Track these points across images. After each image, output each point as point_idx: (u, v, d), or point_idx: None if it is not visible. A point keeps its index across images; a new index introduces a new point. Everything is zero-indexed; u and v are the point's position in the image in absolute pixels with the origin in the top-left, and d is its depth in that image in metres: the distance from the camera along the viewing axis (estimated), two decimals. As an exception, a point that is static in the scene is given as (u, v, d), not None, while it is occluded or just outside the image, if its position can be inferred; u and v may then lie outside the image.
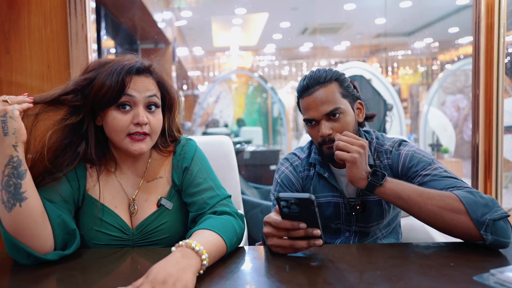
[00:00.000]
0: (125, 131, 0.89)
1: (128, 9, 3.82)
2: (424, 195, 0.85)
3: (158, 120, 0.94)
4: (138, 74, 0.92)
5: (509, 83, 3.25)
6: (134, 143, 0.90)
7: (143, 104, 0.91)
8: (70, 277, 0.76)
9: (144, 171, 1.00)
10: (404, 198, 0.85)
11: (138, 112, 0.89)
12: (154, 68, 0.96)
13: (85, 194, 0.95)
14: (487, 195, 0.84)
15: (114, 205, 0.96)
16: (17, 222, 0.78)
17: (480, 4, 1.58)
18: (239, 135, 6.79)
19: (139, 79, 0.91)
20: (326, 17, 6.14)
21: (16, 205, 0.77)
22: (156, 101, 0.93)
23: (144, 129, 0.90)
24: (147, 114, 0.91)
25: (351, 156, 0.92)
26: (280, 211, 0.80)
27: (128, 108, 0.90)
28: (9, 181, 0.77)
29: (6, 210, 0.77)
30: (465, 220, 0.79)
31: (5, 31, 1.56)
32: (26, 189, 0.78)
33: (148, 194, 0.98)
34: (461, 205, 0.80)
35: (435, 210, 0.80)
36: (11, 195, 0.77)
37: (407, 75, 7.15)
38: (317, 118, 1.05)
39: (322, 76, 1.06)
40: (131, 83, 0.89)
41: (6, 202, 0.77)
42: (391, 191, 0.89)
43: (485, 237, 0.78)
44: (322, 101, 1.04)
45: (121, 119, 0.89)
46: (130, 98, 0.89)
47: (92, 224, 0.93)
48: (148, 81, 0.93)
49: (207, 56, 7.63)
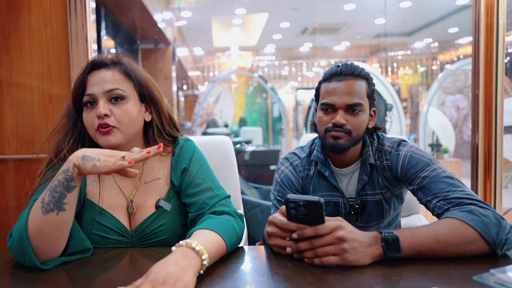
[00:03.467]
0: (93, 127, 0.92)
1: (128, 9, 3.82)
2: (441, 239, 0.77)
3: (123, 110, 0.93)
4: (97, 69, 0.94)
5: (509, 83, 3.25)
6: (102, 136, 0.91)
7: (105, 98, 0.92)
8: (71, 275, 0.76)
9: (141, 171, 1.00)
10: (425, 252, 0.78)
11: (98, 105, 0.91)
12: (120, 60, 0.97)
13: (85, 198, 0.95)
14: (483, 209, 0.82)
15: (112, 208, 0.96)
16: (46, 227, 0.77)
17: (480, 4, 1.58)
18: (239, 135, 6.80)
19: (98, 74, 0.93)
20: (326, 17, 6.15)
21: (54, 211, 0.77)
22: (119, 93, 0.93)
23: (106, 121, 0.91)
24: (110, 106, 0.92)
25: (342, 258, 0.74)
26: (287, 212, 0.79)
27: (93, 105, 0.93)
28: (57, 188, 0.77)
29: (42, 211, 0.77)
30: (482, 245, 0.78)
31: (5, 31, 1.56)
32: (68, 202, 0.78)
33: (146, 195, 0.98)
34: (474, 232, 0.78)
35: (458, 250, 0.77)
36: (54, 200, 0.77)
37: (407, 75, 7.15)
38: (337, 106, 1.05)
39: (357, 69, 1.07)
40: (90, 81, 0.93)
41: (46, 205, 0.77)
42: (411, 251, 0.77)
43: (499, 252, 0.78)
44: (350, 91, 1.04)
45: (88, 116, 0.93)
46: (90, 96, 0.92)
47: (91, 228, 0.93)
48: (109, 74, 0.93)
49: (207, 56, 7.63)
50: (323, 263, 0.74)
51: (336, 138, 1.05)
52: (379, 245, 0.76)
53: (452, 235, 0.78)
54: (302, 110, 8.08)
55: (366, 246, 0.76)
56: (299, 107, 8.22)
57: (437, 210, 0.92)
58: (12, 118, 1.59)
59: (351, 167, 1.13)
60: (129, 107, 0.94)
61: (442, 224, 0.80)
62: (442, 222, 0.81)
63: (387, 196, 1.12)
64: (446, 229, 0.79)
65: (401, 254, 0.76)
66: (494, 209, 0.84)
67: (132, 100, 0.95)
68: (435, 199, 0.93)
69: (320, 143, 1.17)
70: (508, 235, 0.78)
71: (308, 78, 8.01)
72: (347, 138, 1.05)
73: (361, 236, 0.77)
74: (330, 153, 1.13)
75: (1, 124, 1.59)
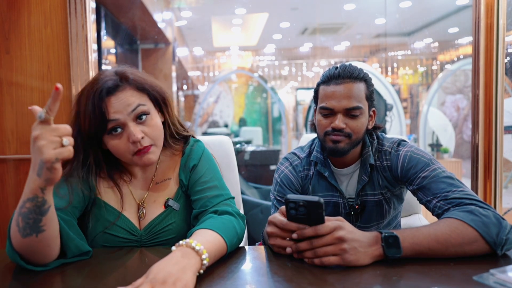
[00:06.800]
0: (128, 152, 0.89)
1: (128, 9, 3.82)
2: (441, 239, 0.77)
3: (153, 126, 0.92)
4: (112, 93, 0.88)
5: (509, 83, 3.25)
6: (142, 157, 0.90)
7: (131, 120, 0.89)
8: (74, 274, 0.76)
9: (154, 173, 1.02)
10: (425, 252, 0.77)
11: (130, 131, 0.88)
12: (127, 76, 0.91)
13: (96, 198, 0.96)
14: (483, 209, 0.82)
15: (124, 208, 0.97)
16: (29, 247, 0.75)
17: (480, 4, 1.58)
18: (239, 135, 6.80)
19: (115, 98, 0.88)
20: (326, 17, 6.15)
21: (32, 235, 0.73)
22: (143, 110, 0.90)
23: (144, 143, 0.89)
24: (140, 127, 0.90)
25: (342, 258, 0.74)
26: (287, 213, 0.80)
27: (120, 131, 0.89)
28: (28, 215, 0.71)
29: (20, 235, 0.73)
30: (482, 246, 0.78)
31: (5, 31, 1.56)
32: (46, 223, 0.73)
33: (156, 195, 1.00)
34: (474, 231, 0.78)
35: (458, 250, 0.77)
36: (28, 226, 0.72)
37: (407, 75, 7.15)
38: (336, 110, 1.04)
39: (356, 71, 1.05)
40: (109, 107, 0.87)
41: (22, 229, 0.73)
42: (411, 251, 0.77)
43: (499, 252, 0.78)
44: (348, 94, 1.03)
45: (119, 144, 0.89)
46: (115, 122, 0.87)
47: (102, 227, 0.94)
48: (126, 94, 0.89)
49: (207, 56, 7.63)
50: (323, 263, 0.74)
51: (335, 142, 1.05)
52: (379, 245, 0.76)
53: (452, 235, 0.78)
54: (302, 110, 8.09)
55: (366, 246, 0.76)
56: (299, 107, 8.22)
57: (437, 210, 0.92)
58: (12, 118, 1.59)
59: (351, 168, 1.13)
60: (155, 121, 0.93)
61: (442, 224, 0.80)
62: (442, 222, 0.81)
63: (387, 196, 1.11)
64: (446, 229, 0.79)
65: (401, 254, 0.75)
66: (494, 209, 0.84)
67: (153, 111, 0.94)
68: (435, 199, 0.93)
69: (319, 144, 1.17)
70: (508, 235, 0.78)
71: (308, 78, 8.01)
72: (347, 141, 1.05)
73: (361, 236, 0.77)
74: (330, 156, 1.13)
75: (1, 124, 1.59)
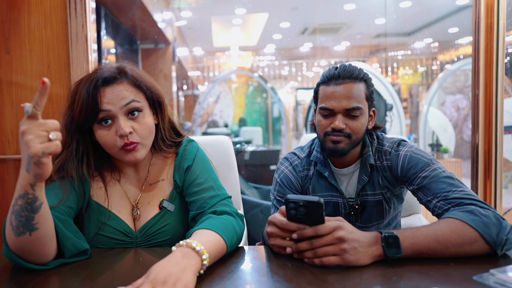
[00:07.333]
0: (115, 145, 0.89)
1: (128, 9, 3.82)
2: (441, 239, 0.77)
3: (144, 124, 0.91)
4: (108, 84, 0.88)
5: (509, 83, 3.25)
6: (128, 154, 0.89)
7: (123, 113, 0.89)
8: (71, 274, 0.76)
9: (146, 174, 1.01)
10: (425, 252, 0.77)
11: (119, 124, 0.87)
12: (126, 71, 0.92)
13: (90, 199, 0.95)
14: (483, 209, 0.82)
15: (117, 209, 0.97)
16: (24, 246, 0.74)
17: (479, 4, 1.58)
18: (239, 135, 6.80)
19: (111, 90, 0.88)
20: (326, 17, 6.14)
21: (26, 234, 0.72)
22: (136, 106, 0.90)
23: (131, 138, 0.88)
24: (130, 122, 0.89)
25: (342, 259, 0.74)
26: (287, 213, 0.80)
27: (110, 122, 0.88)
28: (21, 212, 0.71)
29: (14, 234, 0.73)
30: (482, 246, 0.78)
31: (5, 31, 1.56)
32: (39, 220, 0.73)
33: (150, 196, 0.99)
34: (474, 232, 0.78)
35: (458, 250, 0.77)
36: (21, 224, 0.72)
37: (407, 75, 7.15)
38: (336, 110, 1.04)
39: (356, 72, 1.05)
40: (103, 97, 0.87)
41: (15, 228, 0.72)
42: (411, 251, 0.77)
43: (499, 252, 0.78)
44: (348, 95, 1.03)
45: (106, 135, 0.89)
46: (106, 112, 0.87)
47: (96, 228, 0.94)
48: (122, 88, 0.89)
49: (207, 56, 7.63)
50: (323, 263, 0.74)
51: (335, 142, 1.05)
52: (379, 245, 0.76)
53: (453, 235, 0.78)
54: (302, 110, 8.08)
55: (366, 246, 0.76)
56: (299, 107, 8.22)
57: (437, 210, 0.92)
58: (12, 118, 1.59)
59: (351, 168, 1.13)
60: (147, 119, 0.92)
61: (443, 224, 0.80)
62: (443, 222, 0.81)
63: (387, 196, 1.11)
64: (446, 229, 0.79)
65: (401, 254, 0.75)
66: (494, 209, 0.84)
67: (146, 109, 0.93)
68: (435, 199, 0.93)
69: (319, 144, 1.17)
70: (508, 235, 0.78)
71: (308, 78, 8.01)
72: (347, 141, 1.05)
73: (361, 236, 0.77)
74: (330, 156, 1.13)
75: (1, 124, 1.59)
